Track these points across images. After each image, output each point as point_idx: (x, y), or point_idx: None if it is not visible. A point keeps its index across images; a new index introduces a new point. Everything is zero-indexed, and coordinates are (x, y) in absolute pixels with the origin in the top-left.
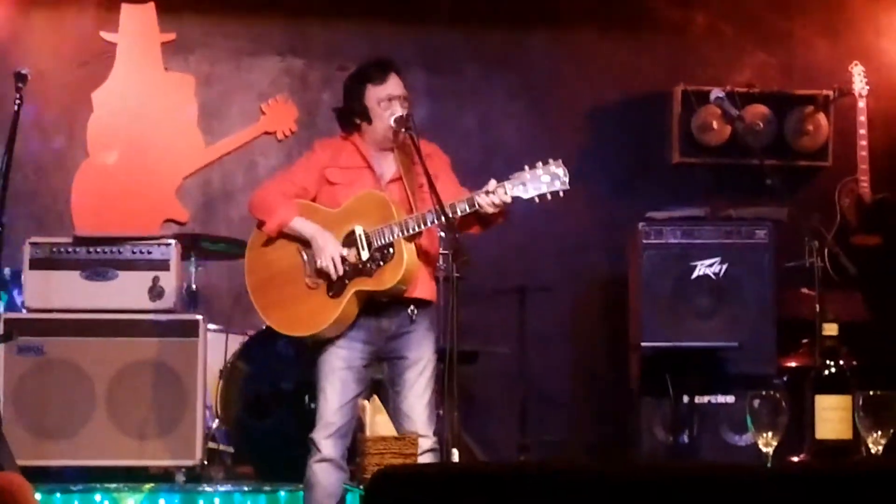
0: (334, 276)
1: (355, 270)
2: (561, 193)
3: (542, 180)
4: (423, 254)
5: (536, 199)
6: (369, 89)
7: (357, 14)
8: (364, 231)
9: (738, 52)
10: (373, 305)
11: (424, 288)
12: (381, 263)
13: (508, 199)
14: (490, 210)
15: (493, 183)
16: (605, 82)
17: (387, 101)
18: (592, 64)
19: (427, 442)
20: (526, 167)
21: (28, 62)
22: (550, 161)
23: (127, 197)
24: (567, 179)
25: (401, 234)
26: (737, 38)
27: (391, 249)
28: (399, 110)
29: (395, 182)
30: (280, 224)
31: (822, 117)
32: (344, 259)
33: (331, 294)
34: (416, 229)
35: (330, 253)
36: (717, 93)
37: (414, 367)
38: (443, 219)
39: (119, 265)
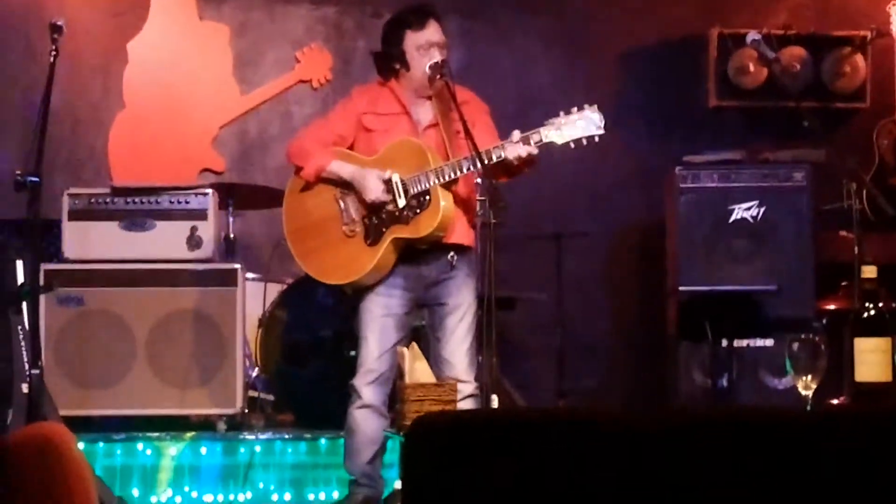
0: (387, 203)
1: (392, 218)
2: (596, 139)
3: (578, 125)
4: (460, 200)
5: (572, 145)
6: (408, 35)
7: None
8: (400, 178)
9: None
10: (412, 253)
11: (463, 234)
12: (418, 211)
13: (535, 151)
14: (515, 161)
15: (516, 134)
16: (640, 26)
17: (426, 47)
18: (628, 7)
19: (468, 387)
20: (561, 112)
21: (63, 13)
22: (586, 106)
23: (164, 147)
24: (602, 124)
25: (437, 181)
26: None
27: (428, 196)
28: (437, 57)
29: (431, 128)
30: (318, 169)
31: (859, 58)
32: (382, 205)
33: (368, 242)
34: (452, 176)
35: (374, 186)
36: (753, 35)
37: (454, 313)
38: (479, 165)
39: (157, 215)
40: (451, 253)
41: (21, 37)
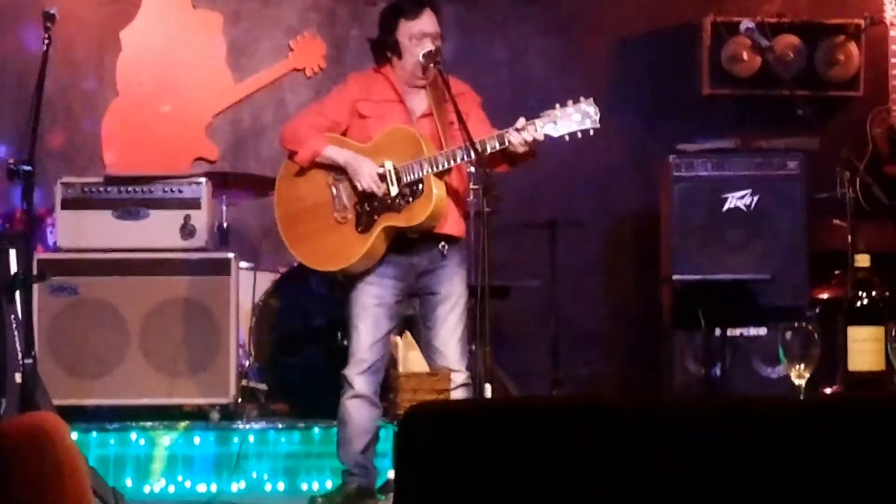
0: (380, 194)
1: (384, 206)
2: (591, 132)
3: (573, 118)
4: (452, 190)
5: (567, 138)
6: (402, 24)
7: None
8: (394, 166)
9: None
10: (403, 242)
11: (454, 224)
12: (411, 199)
13: (540, 137)
14: (520, 148)
15: (522, 120)
16: (634, 14)
17: (418, 37)
18: None
19: (460, 377)
20: (557, 105)
21: (56, 1)
22: (581, 99)
23: (157, 135)
24: (598, 118)
25: (430, 170)
26: None
27: (420, 185)
28: (429, 46)
29: (425, 118)
30: (312, 154)
31: (853, 46)
32: (374, 193)
33: (359, 229)
34: (446, 165)
35: (368, 173)
36: (746, 23)
37: (445, 302)
38: (472, 154)
39: (150, 204)
40: (442, 243)
41: (14, 25)
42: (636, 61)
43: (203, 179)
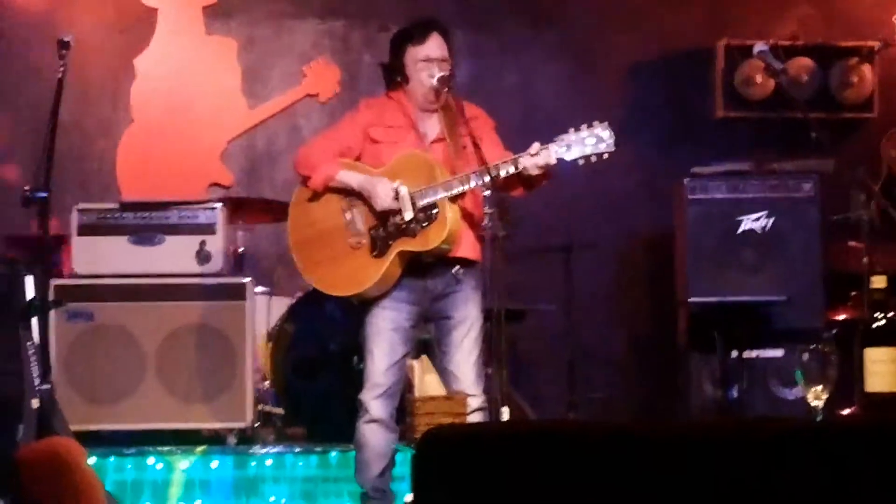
0: (397, 209)
1: (399, 230)
2: (605, 156)
3: (587, 142)
4: (466, 214)
5: (581, 161)
6: (409, 49)
7: None
8: (408, 191)
9: (780, 5)
10: (418, 266)
11: (469, 248)
12: (425, 224)
13: (553, 161)
14: (534, 172)
15: (536, 145)
16: (647, 38)
17: (424, 61)
18: (634, 19)
19: (476, 401)
20: (571, 129)
21: (71, 29)
22: (596, 123)
23: (172, 162)
24: (612, 141)
25: (445, 195)
26: None
27: (435, 210)
28: (437, 72)
29: (438, 142)
30: (326, 178)
31: (866, 69)
32: (390, 215)
33: (374, 254)
34: (460, 189)
35: (384, 194)
36: (760, 46)
37: (460, 326)
38: (487, 179)
39: (166, 230)
40: (457, 266)
41: (29, 53)
42: (650, 85)
43: (218, 205)
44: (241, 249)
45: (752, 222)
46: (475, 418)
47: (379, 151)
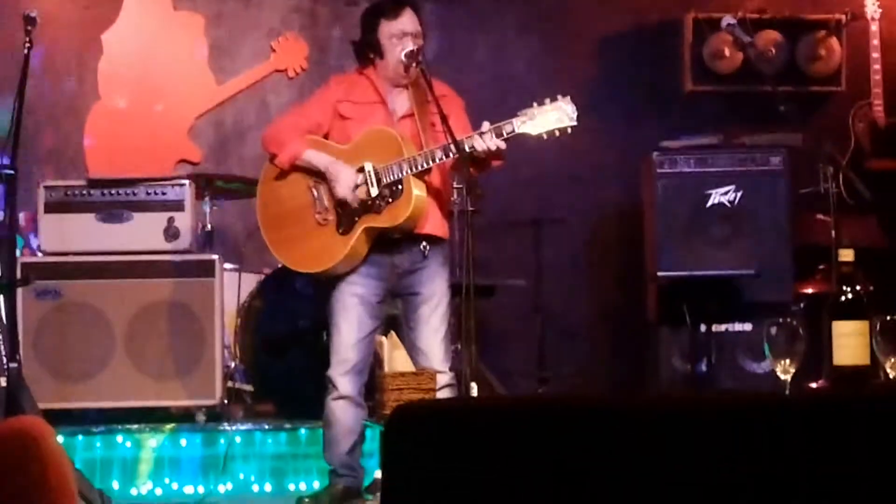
0: (354, 204)
1: (364, 207)
2: (569, 130)
3: (551, 117)
4: (433, 190)
5: (545, 136)
6: (382, 24)
7: None
8: (373, 167)
9: None
10: (385, 242)
11: (436, 224)
12: (391, 200)
13: (503, 146)
14: (481, 153)
15: (486, 125)
16: (616, 11)
17: (398, 36)
18: None
19: (444, 377)
20: (534, 103)
21: (36, 4)
22: (559, 97)
23: (139, 138)
24: (575, 116)
25: (410, 171)
26: None
27: (400, 186)
28: (410, 46)
29: (407, 118)
30: (292, 157)
31: (834, 42)
32: (348, 202)
33: (340, 231)
34: (425, 165)
35: (346, 183)
36: (728, 20)
37: (427, 302)
38: (451, 154)
39: (134, 207)
40: (424, 243)
41: None
42: (618, 58)
43: (186, 181)
44: (209, 226)
45: (720, 196)
46: (444, 394)
47: (347, 127)
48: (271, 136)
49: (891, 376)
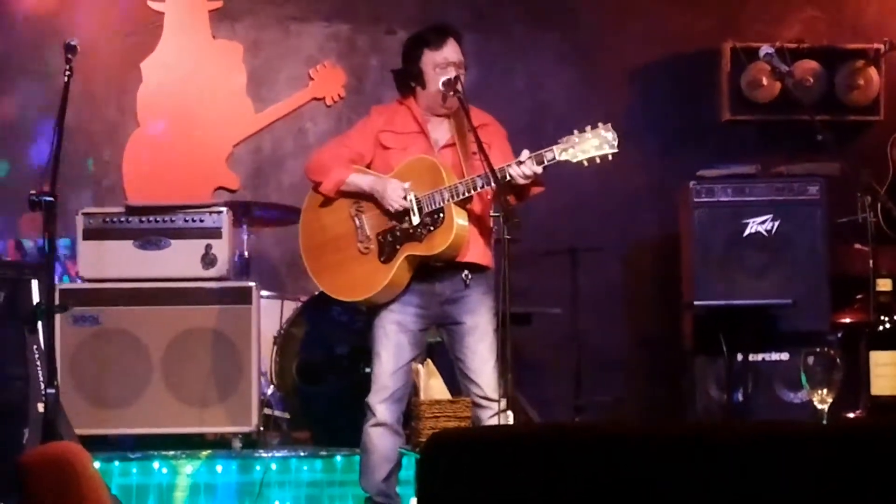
0: (404, 223)
1: (406, 235)
2: (610, 157)
3: (591, 144)
4: (475, 219)
5: (585, 163)
6: (426, 53)
7: None
8: (415, 196)
9: (786, 8)
10: (427, 270)
11: (478, 253)
12: (432, 228)
13: (539, 170)
14: (520, 181)
15: (525, 153)
16: (653, 41)
17: (443, 66)
18: (640, 22)
19: (496, 406)
20: (575, 131)
21: (77, 33)
22: (600, 124)
23: (178, 166)
24: (616, 143)
25: (451, 199)
26: None
27: (441, 214)
28: (452, 74)
29: (448, 148)
30: (337, 182)
31: (872, 71)
32: (396, 223)
33: (382, 259)
34: (466, 194)
35: (395, 195)
36: (766, 49)
37: (473, 333)
38: (492, 183)
39: (171, 234)
40: (466, 271)
41: (36, 57)
42: (656, 88)
43: (224, 209)
44: (246, 253)
45: (757, 225)
46: (493, 422)
47: (389, 157)
48: (315, 165)
49: None
